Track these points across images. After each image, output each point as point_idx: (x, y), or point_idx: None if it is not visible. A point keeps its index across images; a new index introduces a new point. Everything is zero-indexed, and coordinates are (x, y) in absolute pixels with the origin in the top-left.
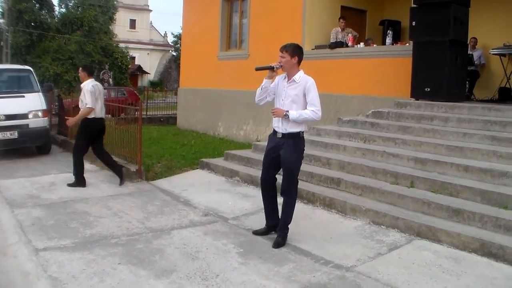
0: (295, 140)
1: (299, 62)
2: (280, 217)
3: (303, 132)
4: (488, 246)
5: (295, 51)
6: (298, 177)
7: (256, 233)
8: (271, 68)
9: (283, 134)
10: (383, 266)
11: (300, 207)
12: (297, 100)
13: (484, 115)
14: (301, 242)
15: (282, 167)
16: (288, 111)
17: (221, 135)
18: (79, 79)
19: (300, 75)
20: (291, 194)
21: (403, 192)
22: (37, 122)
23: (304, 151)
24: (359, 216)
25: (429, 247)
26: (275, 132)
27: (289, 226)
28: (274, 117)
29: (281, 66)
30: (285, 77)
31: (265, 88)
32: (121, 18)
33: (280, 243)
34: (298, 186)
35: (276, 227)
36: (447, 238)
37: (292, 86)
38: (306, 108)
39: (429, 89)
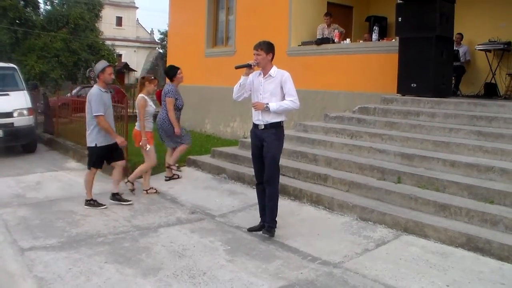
0: (277, 129)
1: (272, 58)
2: (266, 210)
3: (283, 122)
4: (474, 241)
5: (269, 48)
6: (286, 175)
7: (251, 230)
8: (249, 66)
9: (264, 125)
10: (371, 262)
11: (287, 204)
12: (275, 93)
13: (470, 110)
14: (288, 238)
15: (265, 157)
16: (268, 104)
17: (208, 132)
18: (65, 77)
19: (275, 70)
20: (275, 182)
21: (390, 187)
22: (23, 120)
23: (291, 148)
24: (346, 212)
25: (416, 242)
26: (256, 125)
27: (276, 220)
28: (255, 110)
29: (257, 63)
30: (260, 74)
31: (243, 85)
32: (107, 16)
33: (270, 231)
34: (286, 183)
35: None
36: (434, 233)
37: (269, 80)
38: (284, 100)
39: (415, 85)
